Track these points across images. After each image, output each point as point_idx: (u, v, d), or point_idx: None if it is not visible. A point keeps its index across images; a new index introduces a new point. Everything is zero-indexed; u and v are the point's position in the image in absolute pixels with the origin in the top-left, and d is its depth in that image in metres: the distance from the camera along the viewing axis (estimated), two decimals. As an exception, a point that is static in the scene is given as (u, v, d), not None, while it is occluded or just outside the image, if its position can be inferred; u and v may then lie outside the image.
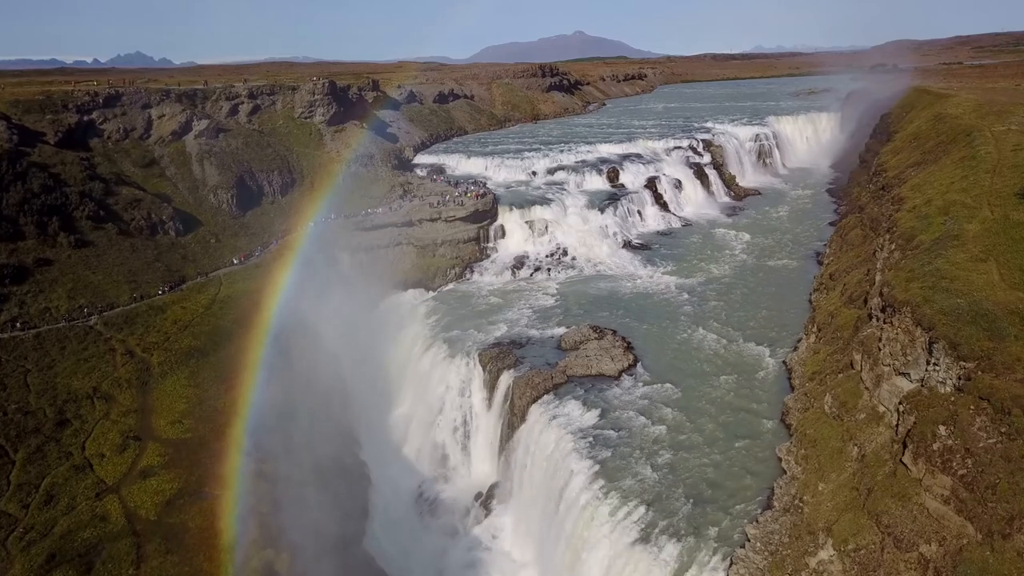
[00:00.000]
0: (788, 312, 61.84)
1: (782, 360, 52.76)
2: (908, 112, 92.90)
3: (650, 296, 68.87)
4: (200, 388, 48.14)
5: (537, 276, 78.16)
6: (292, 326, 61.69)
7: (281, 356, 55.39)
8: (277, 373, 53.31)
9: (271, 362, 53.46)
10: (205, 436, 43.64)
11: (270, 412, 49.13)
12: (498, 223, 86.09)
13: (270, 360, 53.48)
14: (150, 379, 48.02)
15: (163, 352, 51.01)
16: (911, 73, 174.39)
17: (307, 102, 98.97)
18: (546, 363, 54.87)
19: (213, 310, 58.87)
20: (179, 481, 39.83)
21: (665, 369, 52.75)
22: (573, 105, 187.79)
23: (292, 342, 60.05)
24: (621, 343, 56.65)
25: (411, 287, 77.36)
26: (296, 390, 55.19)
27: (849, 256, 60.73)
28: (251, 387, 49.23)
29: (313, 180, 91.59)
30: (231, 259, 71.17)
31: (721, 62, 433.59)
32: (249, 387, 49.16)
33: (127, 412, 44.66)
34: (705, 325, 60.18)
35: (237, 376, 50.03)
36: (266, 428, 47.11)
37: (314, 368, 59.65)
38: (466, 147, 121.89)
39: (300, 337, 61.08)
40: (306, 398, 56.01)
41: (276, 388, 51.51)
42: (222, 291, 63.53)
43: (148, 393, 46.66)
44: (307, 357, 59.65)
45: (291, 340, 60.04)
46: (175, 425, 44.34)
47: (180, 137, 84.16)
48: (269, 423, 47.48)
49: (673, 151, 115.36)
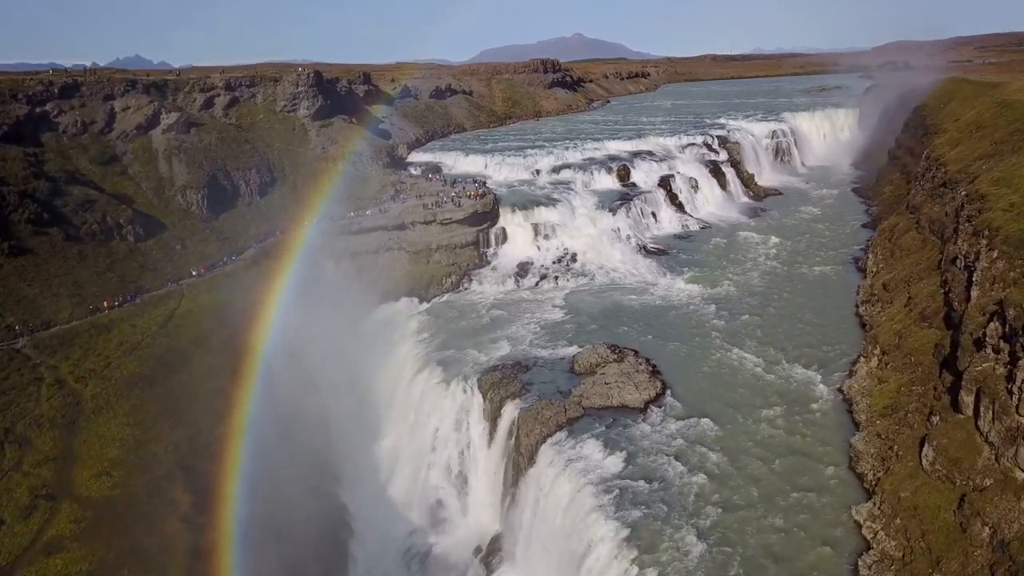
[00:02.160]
0: (834, 327, 53.65)
1: (837, 387, 44.51)
2: (948, 103, 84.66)
3: (673, 308, 60.57)
4: (140, 427, 39.73)
5: (543, 285, 69.88)
6: (263, 346, 53.42)
7: (246, 383, 47.06)
8: (240, 404, 44.98)
9: (232, 391, 45.11)
10: (136, 493, 35.35)
11: (227, 454, 40.76)
12: (499, 226, 77.86)
13: (231, 388, 45.13)
14: (80, 417, 39.63)
15: (100, 382, 42.59)
16: (926, 69, 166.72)
17: (290, 94, 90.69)
18: (557, 391, 46.58)
19: (169, 328, 50.53)
20: (92, 560, 31.46)
21: (700, 399, 44.45)
22: (576, 102, 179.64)
23: (262, 366, 51.75)
24: (645, 366, 48.33)
25: (402, 297, 69.14)
26: (263, 422, 46.96)
27: (906, 263, 52.47)
28: (204, 423, 40.83)
29: (296, 179, 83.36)
30: (199, 267, 62.76)
31: (722, 62, 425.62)
32: (202, 424, 40.77)
33: (43, 461, 36.34)
34: (740, 343, 51.92)
35: (188, 410, 41.70)
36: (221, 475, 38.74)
37: (287, 395, 51.43)
38: (464, 144, 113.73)
39: (271, 358, 52.77)
40: (276, 430, 47.81)
41: (236, 422, 43.17)
42: (183, 305, 55.21)
43: (75, 435, 38.32)
44: (279, 382, 51.37)
45: (261, 364, 51.74)
46: (101, 478, 35.99)
47: (146, 132, 75.82)
48: (225, 469, 39.10)
49: (687, 148, 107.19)
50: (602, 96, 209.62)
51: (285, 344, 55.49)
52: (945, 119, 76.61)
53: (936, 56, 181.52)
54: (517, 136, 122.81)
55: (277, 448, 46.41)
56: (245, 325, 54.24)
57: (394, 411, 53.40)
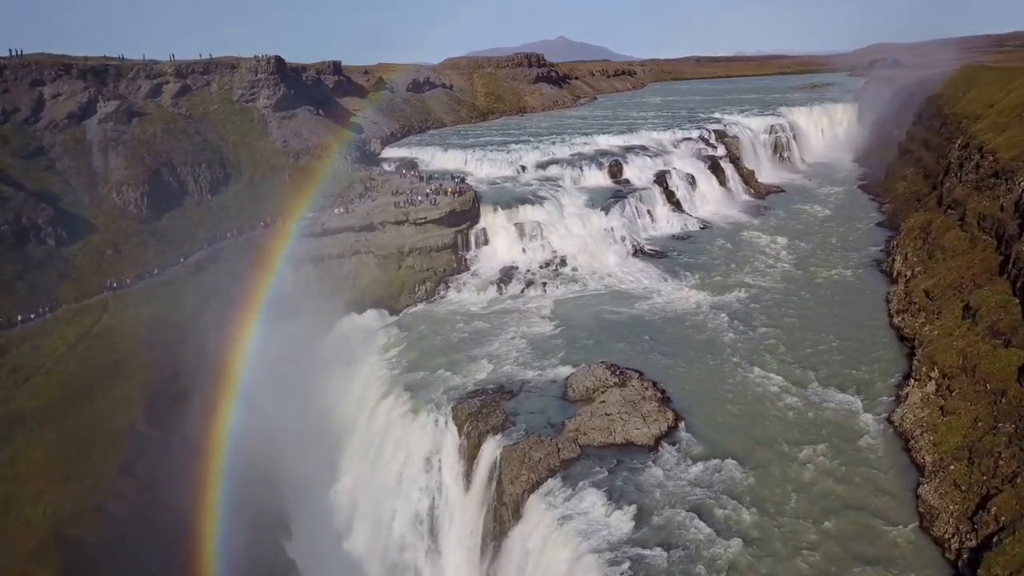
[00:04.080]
0: (867, 342, 46.18)
1: (885, 417, 36.94)
2: (967, 91, 77.86)
3: (678, 320, 52.78)
4: (16, 482, 31.17)
5: (530, 292, 61.86)
6: (197, 370, 44.99)
7: (168, 420, 38.59)
8: (157, 445, 36.53)
9: (147, 430, 36.62)
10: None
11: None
12: (480, 226, 69.79)
13: (145, 427, 36.63)
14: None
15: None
16: (923, 65, 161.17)
17: (248, 82, 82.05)
18: (548, 423, 38.57)
19: (79, 350, 41.96)
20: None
21: (721, 433, 36.61)
22: (563, 98, 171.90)
23: (194, 393, 43.33)
24: (652, 392, 40.40)
25: (369, 307, 60.89)
26: (187, 465, 38.55)
27: (951, 267, 45.04)
28: (105, 473, 32.35)
29: (252, 175, 74.80)
30: (128, 276, 54.10)
31: (707, 63, 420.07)
32: (102, 473, 32.30)
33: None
34: (761, 362, 44.20)
35: (84, 458, 33.19)
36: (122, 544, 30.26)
37: (223, 431, 43.01)
38: (443, 139, 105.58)
39: (207, 385, 44.34)
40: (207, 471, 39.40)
41: (149, 468, 34.71)
42: (103, 321, 46.62)
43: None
44: (214, 415, 42.94)
45: (193, 391, 43.33)
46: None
47: (80, 121, 66.93)
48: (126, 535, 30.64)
49: (682, 143, 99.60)
50: (588, 93, 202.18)
51: (225, 367, 47.07)
52: (971, 106, 69.61)
53: (917, 57, 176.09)
54: (500, 131, 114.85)
55: (206, 489, 38.01)
56: (177, 345, 45.74)
57: (353, 446, 45.06)
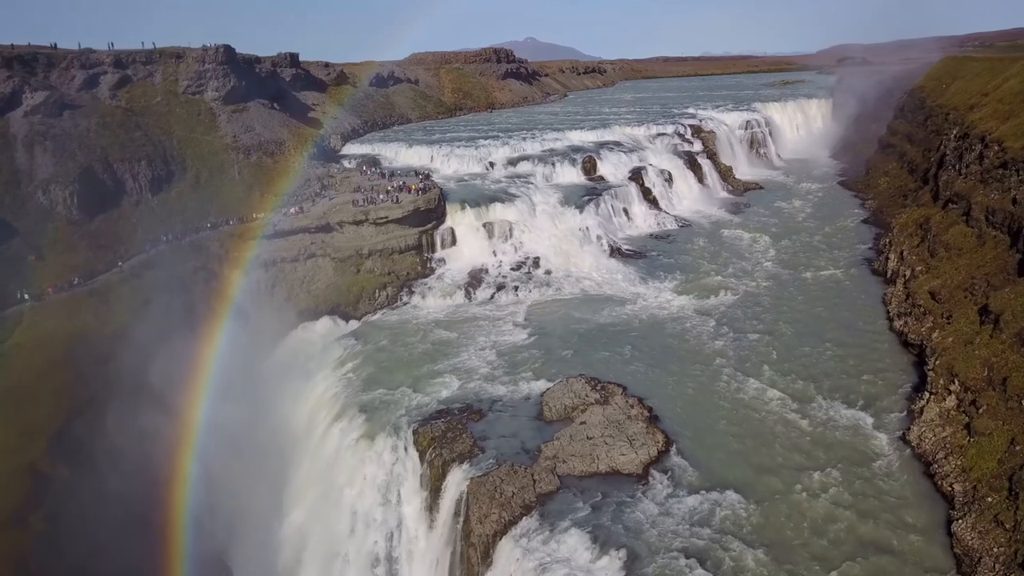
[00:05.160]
0: (868, 348, 42.44)
1: (899, 435, 33.01)
2: (952, 82, 75.12)
3: (661, 326, 48.54)
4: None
5: (501, 297, 57.24)
6: (122, 392, 39.48)
7: (78, 455, 33.14)
8: (62, 487, 31.10)
9: (52, 469, 31.16)
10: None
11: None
12: (446, 226, 65.01)
13: (49, 466, 31.18)
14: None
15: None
16: (895, 62, 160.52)
17: (195, 73, 76.06)
18: (521, 449, 33.94)
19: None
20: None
21: (718, 457, 32.31)
22: (532, 95, 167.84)
23: (117, 421, 37.85)
24: (638, 409, 35.99)
25: (325, 315, 55.88)
26: (104, 503, 33.19)
27: (959, 266, 41.43)
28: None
29: (199, 173, 68.98)
30: (49, 285, 48.25)
31: (674, 63, 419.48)
32: None
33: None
34: (756, 372, 40.11)
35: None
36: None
37: (152, 460, 37.67)
38: (408, 135, 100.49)
39: (131, 411, 38.86)
40: (124, 514, 34.06)
41: (50, 516, 29.29)
42: (14, 337, 40.89)
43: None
44: (139, 444, 37.53)
45: (115, 418, 37.85)
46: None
47: (2, 114, 60.68)
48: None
49: (657, 138, 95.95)
50: (559, 90, 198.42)
51: (156, 388, 41.63)
52: (958, 96, 66.70)
53: (879, 57, 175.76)
54: (468, 127, 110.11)
55: (124, 538, 32.69)
56: (99, 364, 40.20)
57: (303, 475, 39.93)
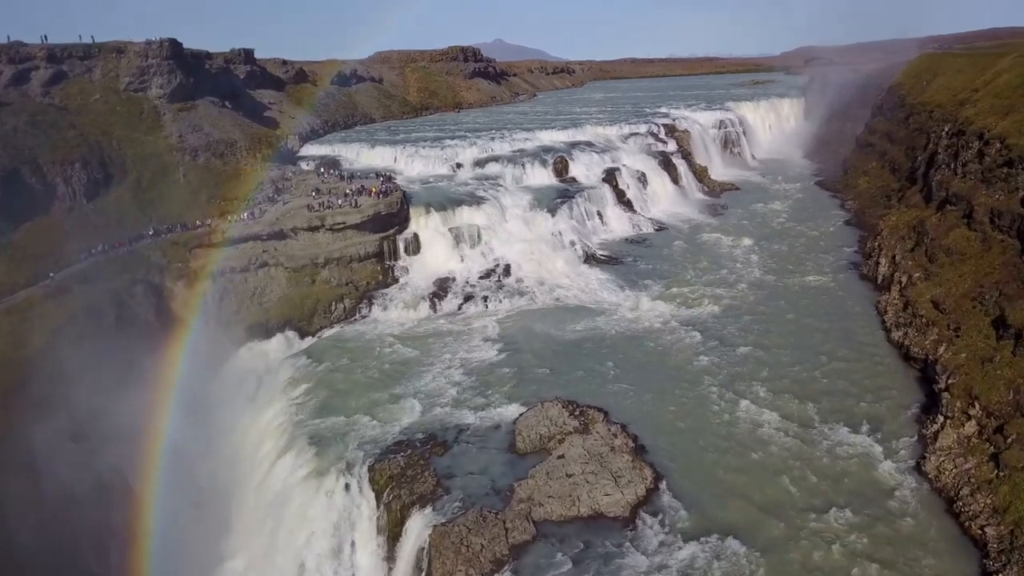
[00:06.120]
0: (865, 363, 39.34)
1: (912, 466, 29.69)
2: (932, 79, 72.99)
3: (643, 339, 44.81)
4: None
5: (469, 308, 53.10)
6: (34, 424, 34.48)
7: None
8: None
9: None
10: None
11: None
12: (410, 231, 60.70)
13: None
14: None
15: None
16: (863, 61, 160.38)
17: (137, 68, 70.50)
18: (491, 488, 29.86)
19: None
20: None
21: (713, 497, 28.57)
22: (501, 94, 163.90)
23: (26, 460, 32.89)
24: (623, 439, 32.13)
25: (277, 331, 51.10)
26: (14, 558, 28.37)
27: (964, 273, 38.40)
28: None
29: (141, 176, 63.46)
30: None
31: (642, 64, 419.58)
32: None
33: None
34: (748, 392, 36.58)
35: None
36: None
37: (73, 501, 32.81)
38: (371, 136, 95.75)
39: (48, 444, 33.92)
40: (45, 563, 29.28)
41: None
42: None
43: None
44: (56, 483, 32.67)
45: (23, 457, 32.88)
46: None
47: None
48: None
49: (630, 138, 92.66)
50: (527, 90, 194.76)
51: (79, 418, 36.66)
52: (941, 93, 64.40)
53: (846, 58, 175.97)
54: (435, 127, 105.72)
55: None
56: (9, 394, 35.12)
57: (246, 517, 35.31)
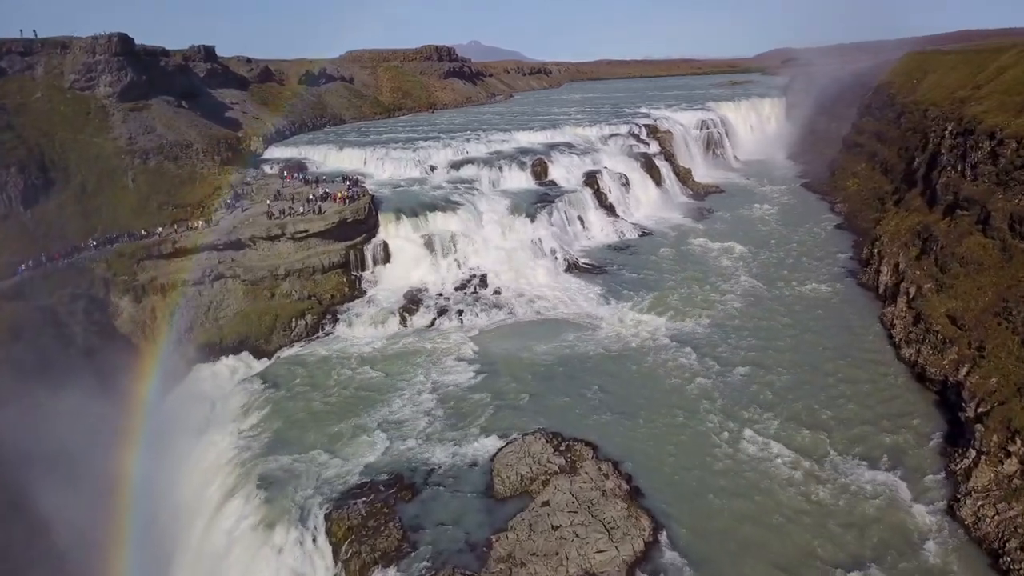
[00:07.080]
0: (876, 384, 36.07)
1: (945, 508, 26.23)
2: (923, 77, 70.31)
3: (631, 358, 41.04)
4: None
5: (442, 323, 48.98)
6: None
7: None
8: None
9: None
10: None
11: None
12: (379, 239, 56.54)
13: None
14: None
15: None
16: (843, 61, 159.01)
17: (83, 65, 65.27)
18: (465, 544, 25.86)
19: None
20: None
21: (722, 552, 24.84)
22: (477, 95, 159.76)
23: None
24: (615, 480, 28.28)
25: (231, 351, 46.66)
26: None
27: (984, 284, 35.18)
28: None
29: (86, 181, 58.39)
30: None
31: (619, 66, 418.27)
32: None
33: None
34: (751, 420, 32.98)
35: None
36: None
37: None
38: (340, 137, 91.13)
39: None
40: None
41: None
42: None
43: None
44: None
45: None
46: None
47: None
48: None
49: (611, 139, 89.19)
50: (504, 91, 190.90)
51: (6, 458, 32.02)
52: (935, 92, 61.67)
53: (824, 59, 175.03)
54: (408, 128, 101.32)
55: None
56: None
57: (185, 572, 30.85)
